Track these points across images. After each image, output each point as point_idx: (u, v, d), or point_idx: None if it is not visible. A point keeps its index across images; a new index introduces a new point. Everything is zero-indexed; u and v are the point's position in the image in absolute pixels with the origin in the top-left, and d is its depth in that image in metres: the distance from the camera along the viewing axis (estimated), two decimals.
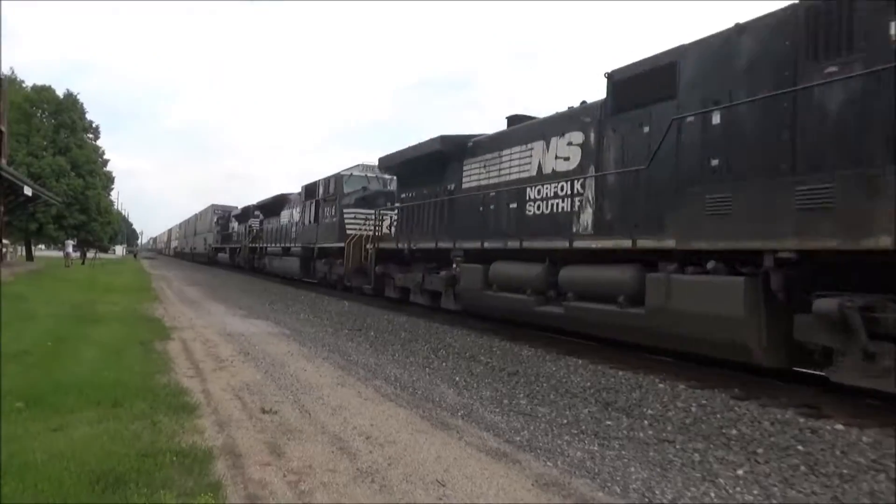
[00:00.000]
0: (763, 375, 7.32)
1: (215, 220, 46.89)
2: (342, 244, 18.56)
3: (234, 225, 40.06)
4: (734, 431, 5.55)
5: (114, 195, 57.79)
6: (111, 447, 4.29)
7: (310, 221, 23.70)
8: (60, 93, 45.69)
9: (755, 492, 4.27)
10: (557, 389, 7.29)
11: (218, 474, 3.98)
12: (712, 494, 4.21)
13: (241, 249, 35.29)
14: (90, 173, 45.88)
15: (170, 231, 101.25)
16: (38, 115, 44.49)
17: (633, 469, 4.64)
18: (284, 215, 28.14)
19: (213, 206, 49.88)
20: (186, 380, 6.85)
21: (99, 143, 49.39)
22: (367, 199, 19.59)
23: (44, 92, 44.85)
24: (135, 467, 3.91)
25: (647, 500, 4.06)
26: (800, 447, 5.08)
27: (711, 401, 6.40)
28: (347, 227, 19.37)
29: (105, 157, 50.78)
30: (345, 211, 20.03)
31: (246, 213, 36.37)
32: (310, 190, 24.13)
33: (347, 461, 4.44)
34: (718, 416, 5.99)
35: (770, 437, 5.36)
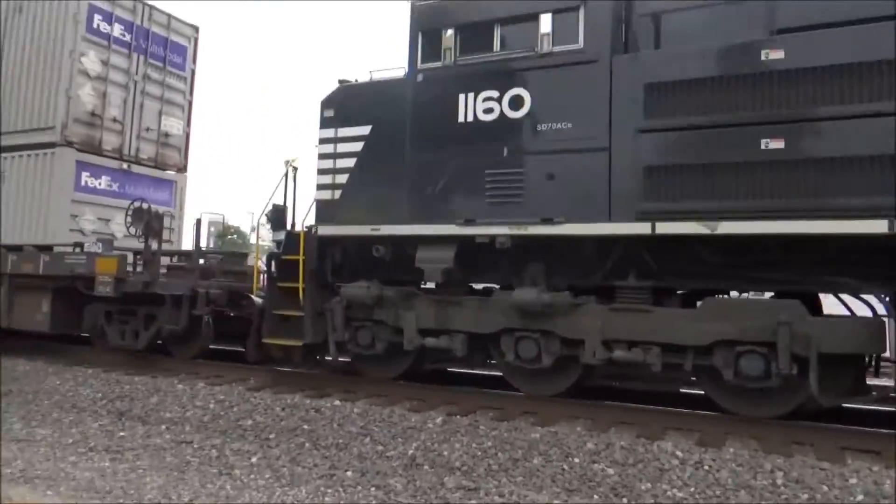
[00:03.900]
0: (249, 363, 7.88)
1: None
2: None
3: None
4: (250, 422, 5.91)
5: None
6: None
7: None
8: None
9: (267, 475, 4.65)
10: (62, 406, 6.55)
11: None
12: (228, 487, 4.42)
13: None
14: None
15: None
16: None
17: (148, 479, 4.52)
18: None
19: None
20: None
21: None
22: None
23: None
24: None
25: None
26: (305, 426, 5.72)
27: (229, 395, 6.64)
28: None
29: None
30: None
31: None
32: None
33: None
34: (236, 409, 6.26)
35: (281, 421, 5.88)
